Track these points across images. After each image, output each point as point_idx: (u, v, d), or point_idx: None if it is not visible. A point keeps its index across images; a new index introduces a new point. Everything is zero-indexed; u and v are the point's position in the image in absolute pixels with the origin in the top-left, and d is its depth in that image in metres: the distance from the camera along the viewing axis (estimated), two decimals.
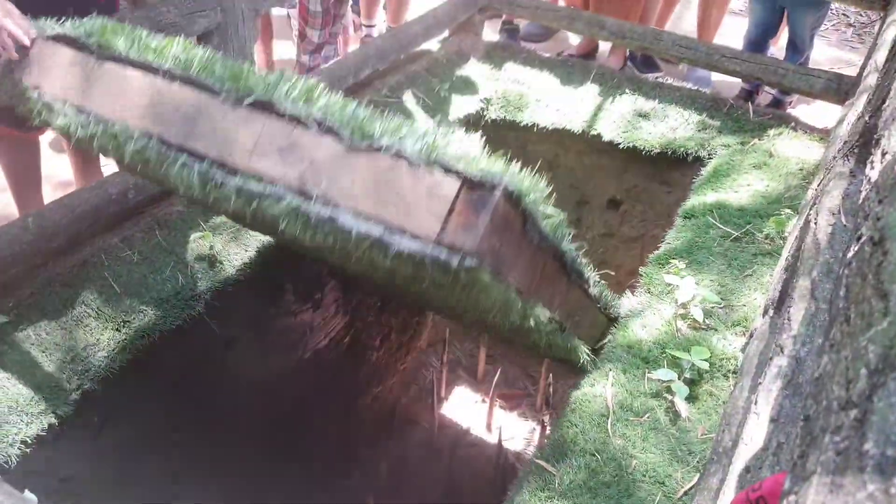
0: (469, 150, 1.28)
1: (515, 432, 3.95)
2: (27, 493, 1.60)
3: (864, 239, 0.75)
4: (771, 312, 1.99)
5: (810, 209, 1.97)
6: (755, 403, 1.39)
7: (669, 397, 2.03)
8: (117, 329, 2.19)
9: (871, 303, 0.67)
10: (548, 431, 3.67)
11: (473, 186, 1.23)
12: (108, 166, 3.05)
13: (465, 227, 1.21)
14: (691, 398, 2.03)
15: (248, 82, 1.43)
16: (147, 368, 2.25)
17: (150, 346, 2.23)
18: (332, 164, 1.32)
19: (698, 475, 1.80)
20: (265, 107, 1.39)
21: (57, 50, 1.67)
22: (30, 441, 1.92)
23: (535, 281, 1.50)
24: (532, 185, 1.32)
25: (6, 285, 2.16)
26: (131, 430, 2.28)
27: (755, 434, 1.32)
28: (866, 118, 2.03)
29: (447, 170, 1.25)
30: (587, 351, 2.08)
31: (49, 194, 2.78)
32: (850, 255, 0.76)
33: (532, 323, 1.55)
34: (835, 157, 2.15)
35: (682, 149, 3.30)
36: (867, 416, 0.57)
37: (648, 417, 1.98)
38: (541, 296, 1.56)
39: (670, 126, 3.43)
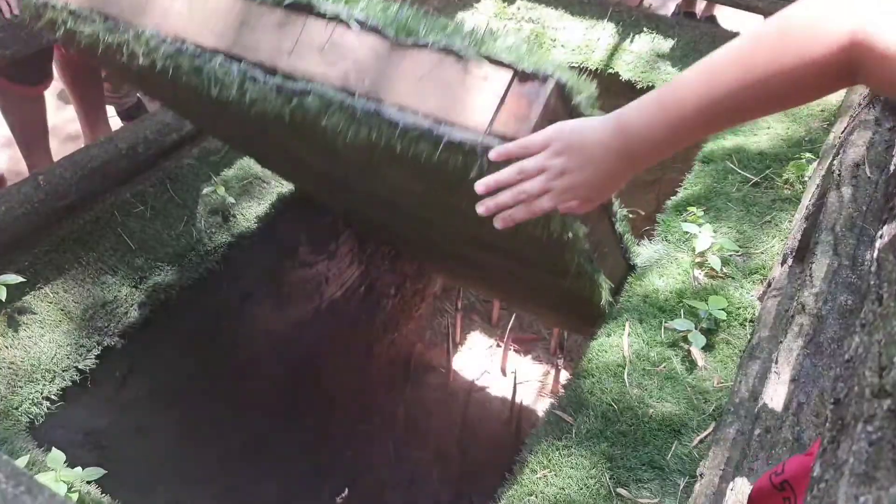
0: (518, 46, 1.23)
1: (529, 375, 3.99)
2: None
3: None
4: (790, 261, 1.97)
5: (833, 158, 1.92)
6: (776, 363, 1.38)
7: (686, 347, 2.02)
8: (134, 286, 2.20)
9: None
10: (562, 374, 3.70)
11: (525, 79, 1.18)
12: (116, 117, 3.02)
13: (517, 118, 1.17)
14: (708, 347, 2.03)
15: None
16: (166, 323, 2.28)
17: (167, 301, 2.25)
18: (376, 62, 1.28)
19: (714, 424, 1.81)
20: (304, 8, 1.35)
21: None
22: (54, 398, 1.95)
23: None
24: (583, 84, 1.27)
25: (21, 244, 2.16)
26: (153, 383, 2.31)
27: (776, 394, 1.32)
28: None
29: (497, 63, 1.20)
30: (608, 294, 2.04)
31: (57, 147, 2.76)
32: (882, 229, 0.74)
33: (570, 235, 1.49)
34: (860, 105, 2.08)
35: None
36: None
37: (665, 367, 1.98)
38: None
39: (690, 65, 3.34)
